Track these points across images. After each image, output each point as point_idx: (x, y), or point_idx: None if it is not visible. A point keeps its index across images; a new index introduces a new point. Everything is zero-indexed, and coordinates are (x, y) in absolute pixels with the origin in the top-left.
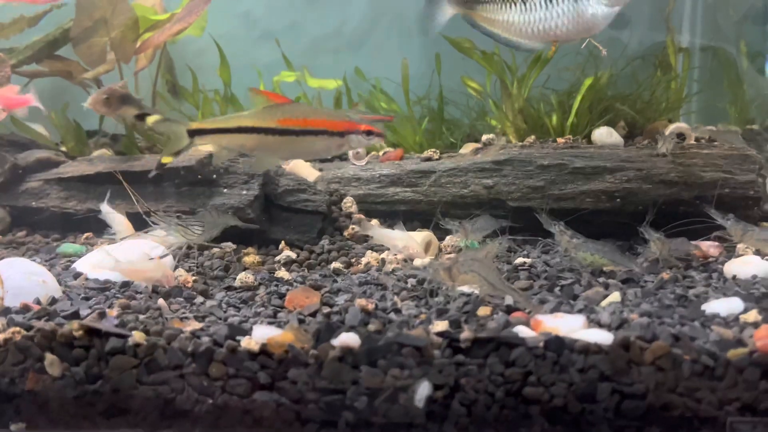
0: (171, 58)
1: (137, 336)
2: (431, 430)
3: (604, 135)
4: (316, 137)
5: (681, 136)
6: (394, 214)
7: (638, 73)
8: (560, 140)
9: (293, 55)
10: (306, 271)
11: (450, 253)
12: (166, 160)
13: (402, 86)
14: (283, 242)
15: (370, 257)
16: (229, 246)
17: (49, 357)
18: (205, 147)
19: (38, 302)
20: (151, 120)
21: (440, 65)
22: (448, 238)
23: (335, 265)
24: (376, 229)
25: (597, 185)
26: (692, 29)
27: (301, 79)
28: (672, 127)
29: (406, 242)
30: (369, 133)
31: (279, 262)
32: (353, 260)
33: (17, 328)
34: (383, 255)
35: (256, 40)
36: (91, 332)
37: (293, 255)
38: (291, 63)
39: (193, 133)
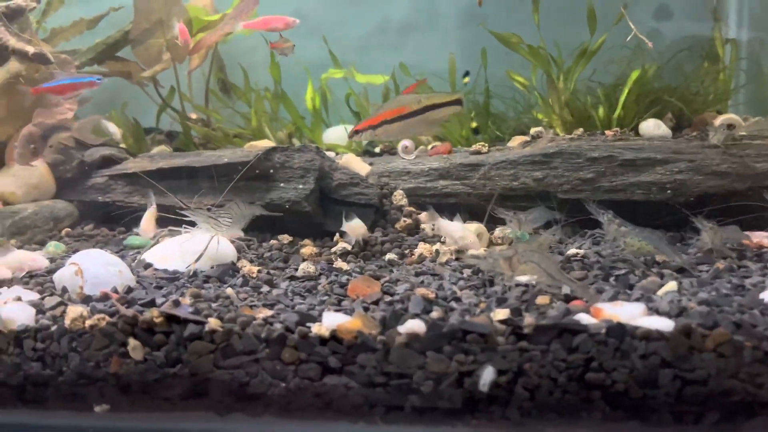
0: (221, 58)
1: (213, 323)
2: (495, 414)
3: (652, 127)
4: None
5: (731, 127)
6: (443, 207)
7: (684, 65)
8: (608, 133)
9: (339, 52)
10: (362, 261)
11: (501, 244)
12: None
13: (449, 80)
14: (337, 234)
15: (423, 248)
16: (285, 238)
17: (132, 342)
18: (261, 143)
19: (115, 291)
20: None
21: (486, 60)
22: (497, 230)
23: (389, 256)
24: (439, 220)
25: (647, 177)
26: (739, 20)
27: (349, 76)
28: (722, 118)
29: (463, 233)
30: None
31: (335, 253)
32: (407, 251)
33: (102, 315)
34: (436, 246)
35: (303, 38)
36: (171, 319)
37: (348, 246)
38: (338, 59)
39: None
